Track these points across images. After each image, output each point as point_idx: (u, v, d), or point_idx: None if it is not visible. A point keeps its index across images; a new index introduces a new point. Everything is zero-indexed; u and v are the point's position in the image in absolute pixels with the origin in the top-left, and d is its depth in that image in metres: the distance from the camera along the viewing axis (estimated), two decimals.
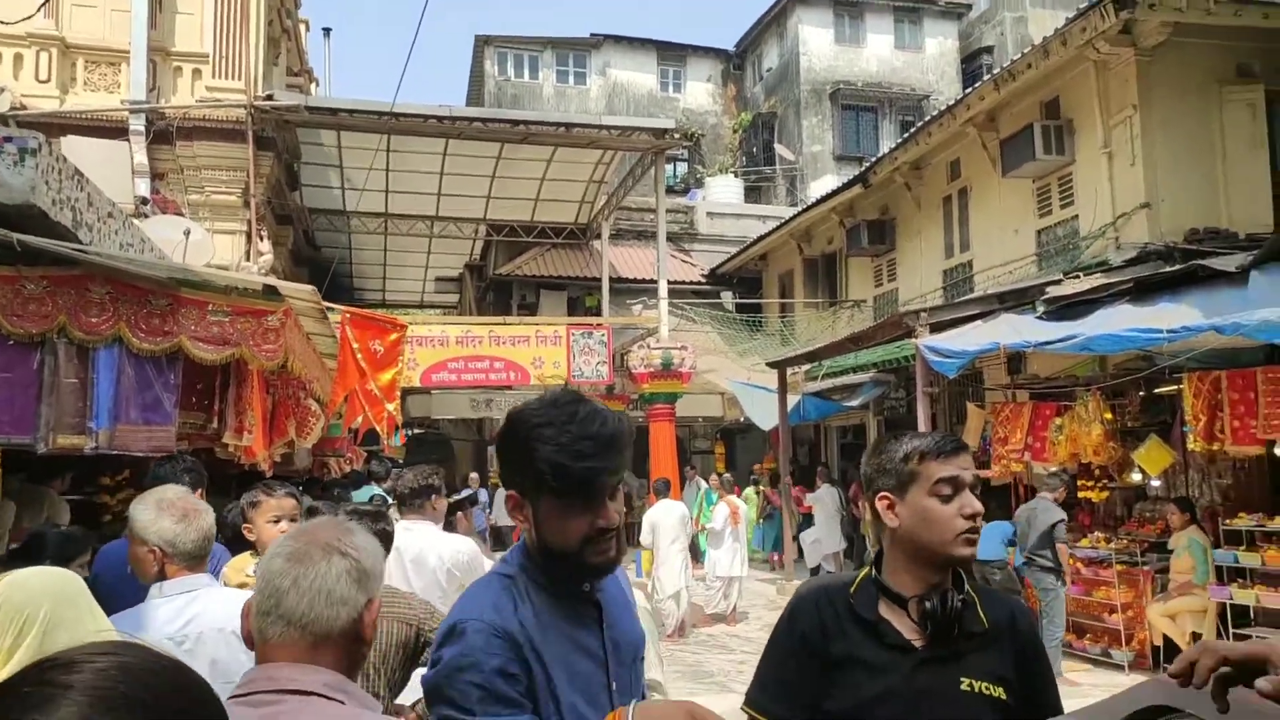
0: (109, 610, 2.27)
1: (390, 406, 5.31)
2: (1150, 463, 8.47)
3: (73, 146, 9.86)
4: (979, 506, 1.78)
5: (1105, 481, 9.35)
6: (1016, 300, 9.28)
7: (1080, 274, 9.09)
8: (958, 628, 1.74)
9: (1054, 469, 8.85)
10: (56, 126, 11.17)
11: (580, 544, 1.58)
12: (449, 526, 4.35)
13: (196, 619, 2.43)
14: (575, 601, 1.64)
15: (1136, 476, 9.12)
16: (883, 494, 1.84)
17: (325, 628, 1.41)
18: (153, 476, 3.72)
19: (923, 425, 9.33)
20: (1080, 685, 7.47)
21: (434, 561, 3.86)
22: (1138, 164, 9.55)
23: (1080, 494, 9.36)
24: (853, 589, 1.84)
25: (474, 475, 16.57)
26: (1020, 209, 11.69)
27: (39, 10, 10.33)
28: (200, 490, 3.93)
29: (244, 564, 3.65)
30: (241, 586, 3.09)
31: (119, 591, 2.73)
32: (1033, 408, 9.58)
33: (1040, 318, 8.66)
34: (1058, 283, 8.98)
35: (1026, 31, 21.86)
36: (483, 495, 16.15)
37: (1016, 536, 8.39)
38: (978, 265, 12.62)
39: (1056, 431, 8.91)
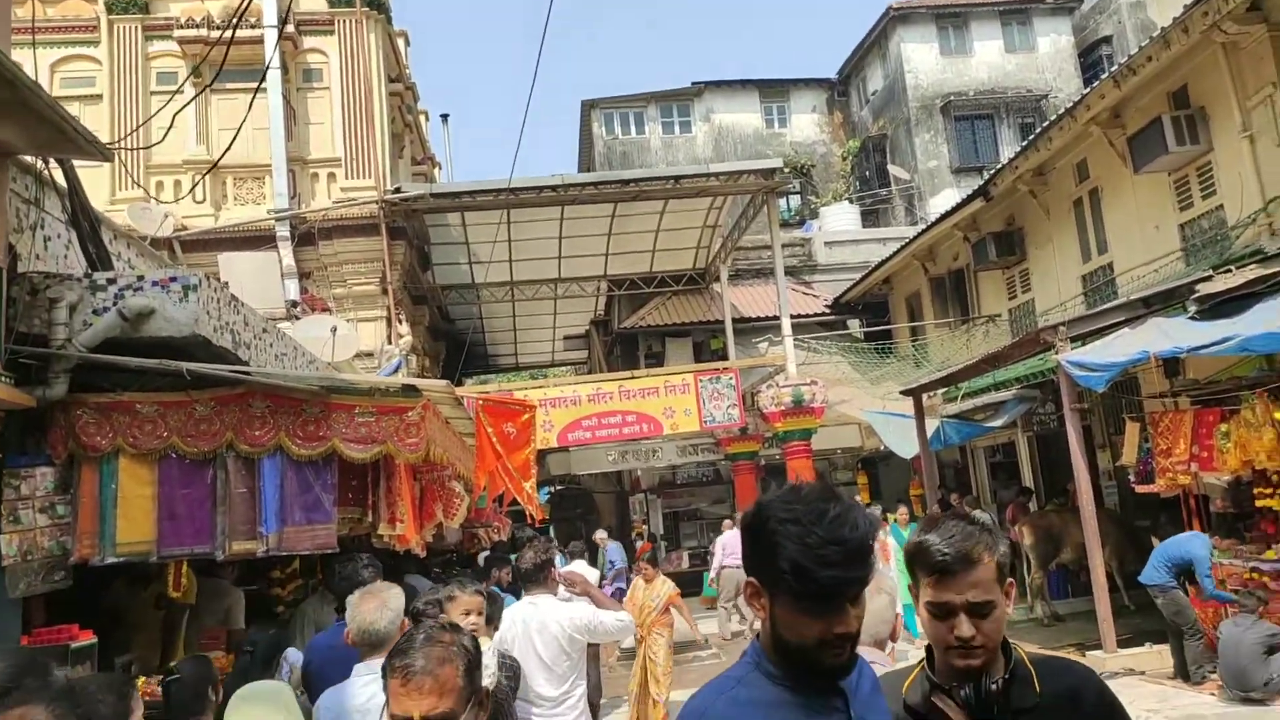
0: (320, 688, 3.15)
1: (528, 485, 5.54)
2: None
3: (228, 262, 10.81)
4: (967, 632, 1.73)
5: None
6: (1164, 302, 8.76)
7: (1232, 267, 8.48)
8: (1000, 706, 1.74)
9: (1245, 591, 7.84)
10: (213, 242, 12.31)
11: (815, 645, 1.53)
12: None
13: (375, 696, 2.87)
14: (816, 694, 1.58)
15: None
16: (912, 586, 1.89)
17: None
18: (339, 578, 4.14)
19: (1074, 443, 8.89)
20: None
21: (554, 629, 4.31)
22: None
23: (1259, 503, 8.64)
24: (906, 685, 1.87)
25: (600, 534, 16.52)
26: (1159, 204, 11.07)
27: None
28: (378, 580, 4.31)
29: None
30: None
31: (326, 674, 3.44)
32: (1195, 415, 8.95)
33: (1192, 318, 8.15)
34: (1208, 279, 8.42)
35: (1146, 16, 20.77)
36: (616, 553, 15.74)
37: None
38: (1119, 266, 11.98)
39: (1223, 438, 8.28)
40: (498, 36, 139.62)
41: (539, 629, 4.28)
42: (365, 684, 3.03)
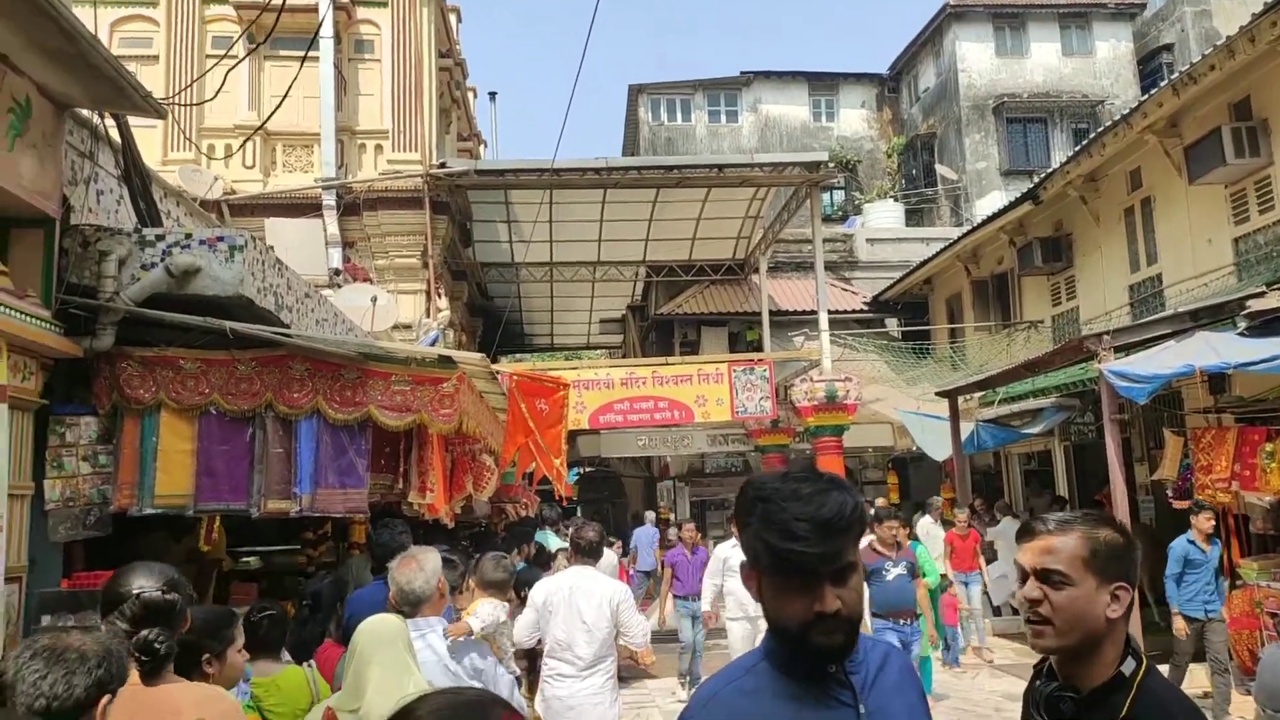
0: None
1: (557, 462, 5.57)
2: None
3: (275, 227, 10.93)
4: (1032, 594, 1.76)
5: None
6: (1212, 317, 8.56)
7: None
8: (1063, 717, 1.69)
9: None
10: (261, 207, 12.45)
11: (800, 626, 1.50)
12: None
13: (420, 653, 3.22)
14: (824, 684, 1.54)
15: None
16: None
17: None
18: (376, 543, 4.33)
19: (1112, 455, 8.73)
20: None
21: (599, 596, 4.85)
22: None
23: None
24: (1043, 667, 1.84)
25: (650, 514, 16.87)
26: (1213, 217, 10.81)
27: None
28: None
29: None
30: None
31: None
32: (1238, 432, 8.76)
33: (1241, 334, 7.96)
34: (1260, 295, 8.22)
35: (1210, 25, 20.27)
36: (647, 534, 16.22)
37: None
38: (1168, 278, 11.74)
39: (1267, 458, 8.10)
40: (548, 16, 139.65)
41: (586, 594, 4.72)
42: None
